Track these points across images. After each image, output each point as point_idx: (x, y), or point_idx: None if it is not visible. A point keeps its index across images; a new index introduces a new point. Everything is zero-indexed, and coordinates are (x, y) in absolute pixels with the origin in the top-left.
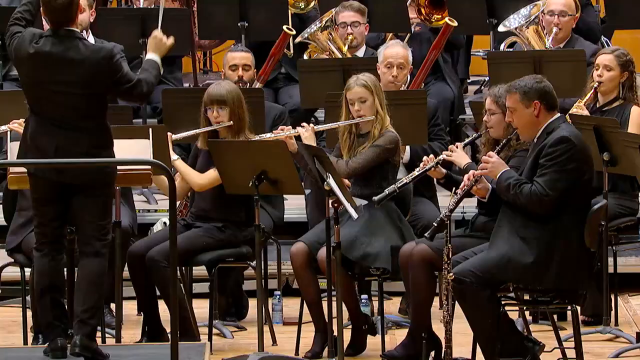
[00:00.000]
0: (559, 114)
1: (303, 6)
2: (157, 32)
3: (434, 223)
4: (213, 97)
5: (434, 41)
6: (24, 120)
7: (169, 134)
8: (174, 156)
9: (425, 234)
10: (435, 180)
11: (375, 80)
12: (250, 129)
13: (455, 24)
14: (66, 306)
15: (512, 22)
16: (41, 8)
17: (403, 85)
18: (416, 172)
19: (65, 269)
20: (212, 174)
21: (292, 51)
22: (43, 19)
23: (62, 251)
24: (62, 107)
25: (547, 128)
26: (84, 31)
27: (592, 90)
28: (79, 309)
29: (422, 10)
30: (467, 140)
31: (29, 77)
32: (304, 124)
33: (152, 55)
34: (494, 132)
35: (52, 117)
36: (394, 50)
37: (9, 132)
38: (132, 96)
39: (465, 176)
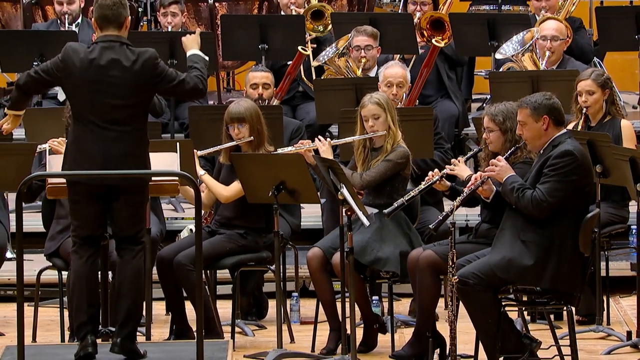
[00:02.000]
0: (565, 130)
1: (322, 29)
2: (185, 36)
3: (438, 216)
4: (233, 116)
5: (424, 60)
6: (62, 138)
7: (194, 150)
8: (200, 171)
9: (430, 225)
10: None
11: (387, 99)
12: (269, 141)
13: (442, 44)
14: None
15: (508, 49)
16: (93, 15)
17: (400, 102)
18: (422, 186)
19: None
20: (236, 187)
21: (313, 76)
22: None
23: (98, 254)
24: (109, 110)
25: (554, 141)
26: None
27: (583, 116)
28: (120, 312)
29: (425, 32)
30: (468, 155)
31: (81, 82)
32: (321, 137)
33: (193, 51)
34: (493, 146)
35: (99, 122)
36: (393, 70)
37: (47, 149)
38: (181, 93)
39: (473, 176)
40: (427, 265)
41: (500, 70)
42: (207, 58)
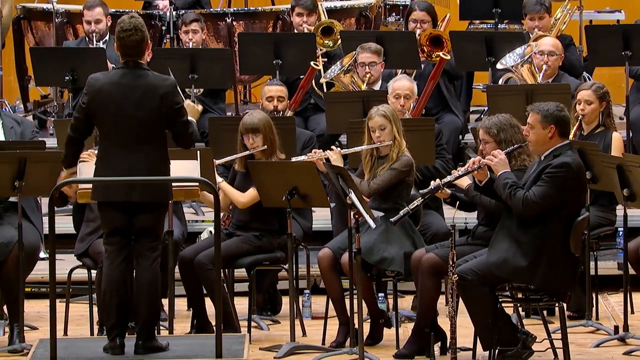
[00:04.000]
0: (568, 141)
1: (331, 44)
2: (189, 102)
3: (431, 187)
4: (248, 126)
5: (431, 73)
6: (92, 151)
7: (213, 160)
8: (218, 179)
9: (421, 191)
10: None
11: (393, 111)
12: (281, 150)
13: (449, 57)
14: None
15: (508, 60)
16: (115, 43)
17: (408, 113)
18: (426, 194)
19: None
20: (252, 193)
21: (324, 87)
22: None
23: (129, 259)
24: (135, 130)
25: (555, 151)
26: None
27: (578, 123)
28: (140, 317)
29: (425, 49)
30: (467, 164)
31: (104, 106)
32: (333, 147)
33: (190, 118)
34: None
35: (126, 141)
36: (401, 83)
37: (78, 161)
38: (184, 132)
39: (471, 160)
40: (428, 267)
41: (500, 80)
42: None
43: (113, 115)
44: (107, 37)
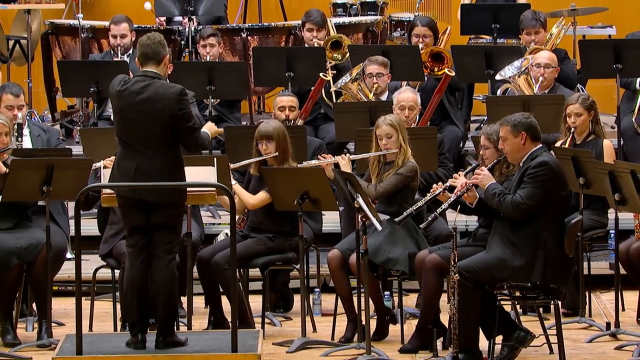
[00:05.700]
0: (541, 144)
1: (340, 58)
2: (210, 123)
3: (429, 217)
4: (262, 133)
5: (437, 87)
6: (114, 157)
7: (229, 164)
8: (232, 182)
9: (421, 225)
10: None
11: (399, 120)
12: (293, 158)
13: (453, 73)
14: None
15: (507, 72)
16: (137, 54)
17: (413, 123)
18: (428, 197)
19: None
20: (261, 196)
21: (333, 98)
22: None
23: (149, 260)
24: (142, 134)
25: (532, 155)
26: None
27: (570, 135)
28: (159, 315)
29: (427, 65)
30: (468, 169)
31: (118, 109)
32: (342, 155)
33: (205, 130)
34: (489, 162)
35: (134, 143)
36: (405, 95)
37: (102, 167)
38: (189, 138)
39: (459, 184)
40: (431, 267)
41: (499, 90)
42: (210, 141)
43: (122, 120)
44: (130, 51)
